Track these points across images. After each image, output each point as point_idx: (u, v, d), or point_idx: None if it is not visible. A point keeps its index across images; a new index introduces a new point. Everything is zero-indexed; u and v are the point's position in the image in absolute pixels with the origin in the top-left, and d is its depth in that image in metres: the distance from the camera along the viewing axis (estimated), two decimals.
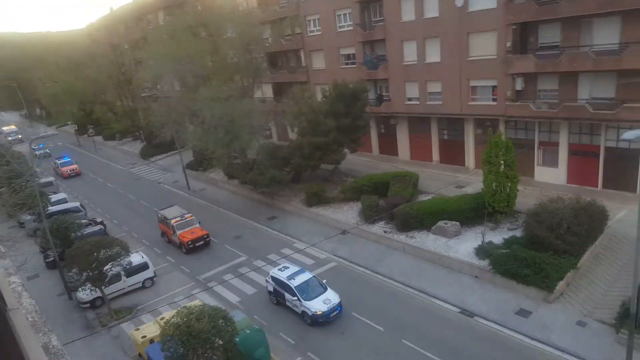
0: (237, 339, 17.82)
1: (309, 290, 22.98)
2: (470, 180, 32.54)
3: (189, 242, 31.29)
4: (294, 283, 23.18)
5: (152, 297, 26.82)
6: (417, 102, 37.17)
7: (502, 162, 25.76)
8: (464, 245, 25.79)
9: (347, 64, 42.16)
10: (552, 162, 30.58)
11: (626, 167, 26.76)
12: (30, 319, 3.17)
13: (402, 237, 28.11)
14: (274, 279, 24.19)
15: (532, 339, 19.37)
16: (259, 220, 35.63)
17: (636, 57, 24.82)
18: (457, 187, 32.51)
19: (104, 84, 66.63)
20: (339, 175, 38.23)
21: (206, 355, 15.96)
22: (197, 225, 32.49)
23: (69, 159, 57.42)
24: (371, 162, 41.33)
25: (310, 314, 22.18)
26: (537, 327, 19.85)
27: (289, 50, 47.84)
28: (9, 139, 77.99)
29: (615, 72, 26.47)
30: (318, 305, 22.29)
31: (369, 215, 30.33)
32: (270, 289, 24.51)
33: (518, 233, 25.01)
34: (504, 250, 23.47)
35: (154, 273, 28.36)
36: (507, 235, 25.28)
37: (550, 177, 30.62)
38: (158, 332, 19.58)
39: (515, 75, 30.65)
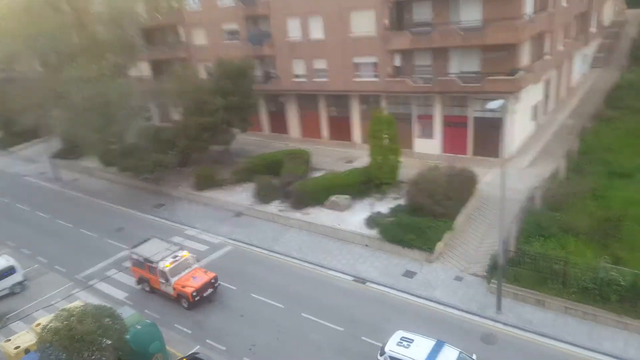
0: (128, 336, 17.41)
1: None
2: (358, 155, 34.40)
3: (194, 294, 22.42)
4: None
5: (23, 303, 24.83)
6: (305, 80, 37.92)
7: (385, 136, 27.64)
8: (355, 217, 27.45)
9: (230, 40, 41.34)
10: (429, 133, 33.51)
11: (491, 135, 30.32)
12: None
13: (297, 215, 29.00)
14: None
15: (418, 297, 21.49)
16: (144, 210, 34.13)
17: (496, 34, 27.95)
18: (346, 162, 34.22)
19: None
20: (230, 156, 37.85)
21: (94, 357, 15.39)
22: (196, 265, 24.02)
23: None
24: (262, 141, 41.53)
25: None
26: (422, 286, 22.07)
27: (167, 25, 45.41)
28: None
29: (480, 47, 29.55)
30: None
31: (264, 195, 30.66)
32: None
33: (402, 202, 27.22)
34: (390, 219, 25.49)
35: (24, 277, 26.16)
36: (393, 204, 27.44)
37: (428, 147, 33.55)
38: (34, 341, 18.39)
39: (394, 52, 32.70)
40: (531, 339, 18.34)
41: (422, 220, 24.34)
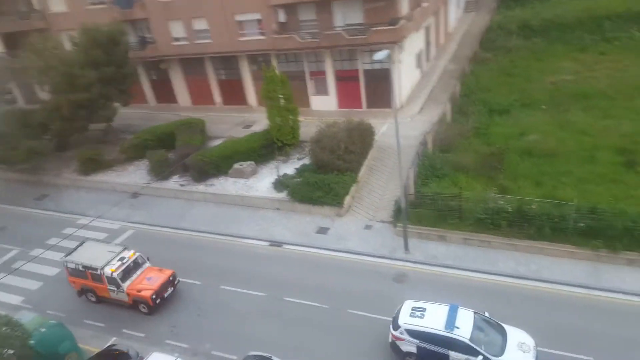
0: (33, 341, 16.64)
1: (489, 338, 15.36)
2: (255, 118, 33.81)
3: (154, 297, 20.00)
4: (462, 333, 15.19)
5: None
6: (186, 42, 35.75)
7: (280, 96, 27.37)
8: (262, 182, 27.33)
9: (94, 4, 37.31)
10: (323, 90, 33.84)
11: (381, 86, 31.47)
12: None
13: (200, 187, 28.10)
14: (413, 332, 15.66)
15: (333, 250, 22.33)
16: (25, 204, 30.87)
17: None
18: (245, 127, 33.46)
19: None
20: (115, 133, 35.16)
21: None
22: (148, 264, 21.47)
23: None
24: (149, 113, 38.90)
25: None
26: (335, 240, 22.94)
27: None
28: None
29: None
30: (519, 357, 14.92)
31: (160, 171, 29.13)
32: (409, 348, 15.91)
33: (307, 161, 27.59)
34: (297, 179, 25.79)
35: None
36: (298, 165, 27.68)
37: (324, 104, 33.96)
38: None
39: (277, 7, 31.94)
40: (438, 272, 20.16)
41: (328, 176, 24.94)
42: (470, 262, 20.19)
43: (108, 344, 18.70)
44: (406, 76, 32.95)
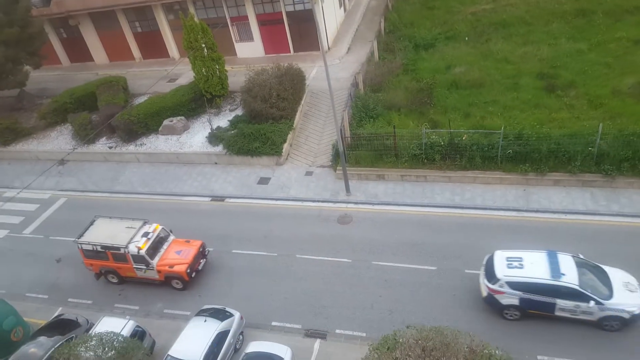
0: None
1: (594, 282, 13.67)
2: (180, 71, 30.04)
3: (189, 271, 17.04)
4: (570, 280, 13.39)
5: None
6: None
7: (203, 45, 24.21)
8: (196, 137, 24.64)
9: None
10: (248, 36, 30.46)
11: (307, 29, 28.74)
12: None
13: (131, 148, 25.02)
14: (515, 284, 13.72)
15: (277, 199, 20.80)
16: None
17: None
18: (169, 82, 29.65)
19: None
20: (30, 99, 30.33)
21: None
22: (173, 236, 18.22)
23: None
24: (65, 74, 33.72)
25: (628, 316, 13.22)
26: (278, 189, 21.30)
27: None
28: None
29: None
30: (629, 297, 13.31)
31: (85, 135, 25.61)
32: (511, 301, 13.98)
33: (240, 112, 25.05)
34: (232, 132, 23.41)
35: None
36: (231, 116, 25.06)
37: (250, 51, 30.69)
38: None
39: None
40: (380, 209, 19.24)
41: (263, 126, 22.75)
42: (409, 197, 19.35)
43: (55, 314, 17.11)
44: (330, 16, 30.19)
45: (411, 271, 16.39)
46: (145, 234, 17.37)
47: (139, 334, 15.07)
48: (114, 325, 15.04)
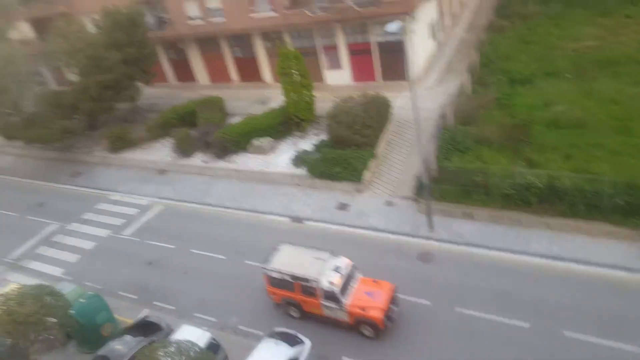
0: (73, 311, 15.35)
1: None
2: (272, 95, 29.71)
3: (386, 318, 14.11)
4: None
5: None
6: (201, 22, 31.23)
7: (295, 72, 23.40)
8: (281, 158, 23.69)
9: None
10: (337, 64, 29.18)
11: (396, 58, 26.94)
12: None
13: (222, 164, 24.66)
14: None
15: (354, 227, 19.04)
16: (61, 181, 27.96)
17: None
18: (262, 104, 29.32)
19: None
20: (141, 112, 31.44)
21: (41, 338, 13.18)
22: (360, 274, 15.45)
23: None
24: (171, 92, 34.80)
25: None
26: (356, 216, 19.54)
27: None
28: None
29: None
30: None
31: (184, 149, 25.89)
32: None
33: (324, 136, 23.72)
34: (315, 155, 22.16)
35: None
36: (316, 140, 23.82)
37: (338, 79, 29.37)
38: None
39: None
40: (465, 251, 16.66)
41: (346, 152, 21.16)
42: (499, 240, 16.56)
43: (141, 315, 16.85)
44: (420, 47, 28.05)
45: (499, 325, 13.71)
46: (337, 269, 14.75)
47: (213, 347, 14.23)
48: (192, 334, 14.40)
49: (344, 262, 14.92)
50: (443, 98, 24.69)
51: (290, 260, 15.36)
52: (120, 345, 14.94)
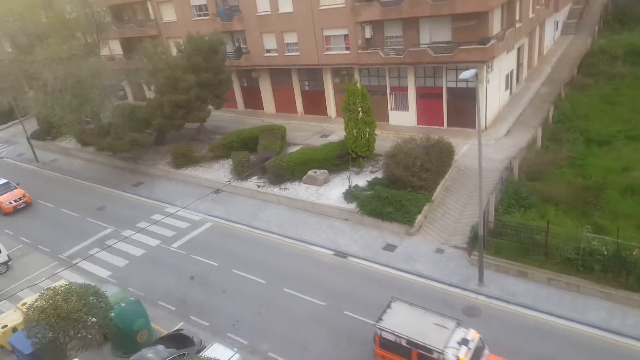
0: (113, 314, 16.32)
1: None
2: (333, 129, 31.56)
3: None
4: None
5: (8, 283, 22.54)
6: (276, 54, 34.38)
7: (359, 109, 24.91)
8: (334, 191, 24.85)
9: (199, 15, 37.15)
10: (403, 105, 30.71)
11: (466, 105, 27.81)
12: None
13: (275, 190, 26.27)
14: None
15: (400, 270, 19.38)
16: (124, 188, 30.98)
17: (465, 1, 25.03)
18: (322, 137, 31.25)
19: None
20: (206, 133, 34.50)
21: (79, 335, 14.26)
22: (487, 350, 14.09)
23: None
24: (237, 117, 38.05)
25: None
26: (403, 259, 19.91)
27: (135, 1, 40.80)
28: None
29: (450, 16, 26.59)
30: None
31: (241, 172, 27.85)
32: None
33: (380, 175, 24.73)
34: (368, 192, 23.04)
35: (8, 257, 23.89)
36: (370, 177, 24.86)
37: (403, 119, 30.80)
38: (21, 320, 17.44)
39: (364, 24, 29.50)
40: (515, 310, 16.42)
41: (401, 193, 21.91)
42: (553, 305, 16.22)
43: (176, 328, 17.92)
44: (493, 97, 28.80)
45: None
46: (464, 342, 13.48)
47: None
48: (222, 353, 15.14)
49: (472, 334, 13.78)
50: (511, 150, 24.94)
51: (407, 323, 14.28)
52: (152, 354, 15.68)
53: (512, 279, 17.66)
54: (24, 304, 18.11)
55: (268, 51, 34.74)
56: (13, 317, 18.46)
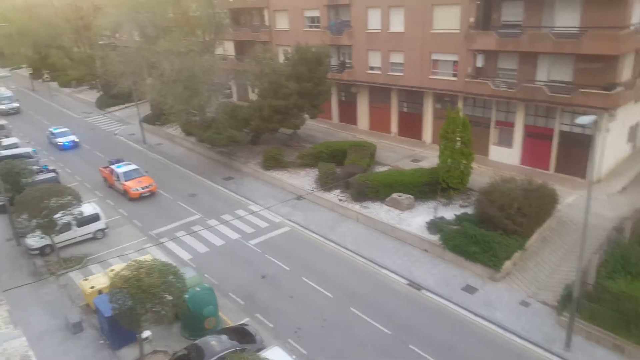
0: (187, 296, 16.87)
1: None
2: (426, 155, 31.10)
3: None
4: None
5: (102, 249, 24.85)
6: (379, 72, 34.88)
7: (458, 138, 24.31)
8: (416, 218, 24.47)
9: (310, 27, 39.01)
10: (507, 142, 29.40)
11: (578, 152, 25.90)
12: None
13: (356, 207, 26.48)
14: None
15: (476, 315, 18.50)
16: (215, 180, 33.13)
17: (594, 42, 23.46)
18: (413, 161, 30.98)
19: (61, 28, 59.81)
20: (298, 140, 35.88)
21: (155, 309, 15.03)
22: None
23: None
24: (330, 129, 39.05)
25: None
26: (482, 304, 18.97)
27: (253, 7, 43.88)
28: (2, 107, 54.19)
29: (574, 55, 25.10)
30: None
31: (325, 183, 28.53)
32: None
33: (469, 210, 23.88)
34: (454, 227, 22.30)
35: (106, 225, 26.30)
36: (459, 211, 24.10)
37: (504, 157, 29.50)
38: (107, 284, 18.51)
39: (477, 52, 28.88)
40: None
41: (491, 233, 20.92)
42: None
43: (241, 322, 18.64)
44: (612, 148, 26.44)
45: None
46: None
47: None
48: (281, 358, 15.42)
49: None
50: (624, 209, 22.74)
51: None
52: (216, 342, 16.54)
53: (605, 352, 16.06)
54: (112, 270, 19.48)
55: (371, 68, 35.37)
56: (101, 280, 20.13)
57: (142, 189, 30.42)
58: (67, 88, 63.70)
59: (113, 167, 31.67)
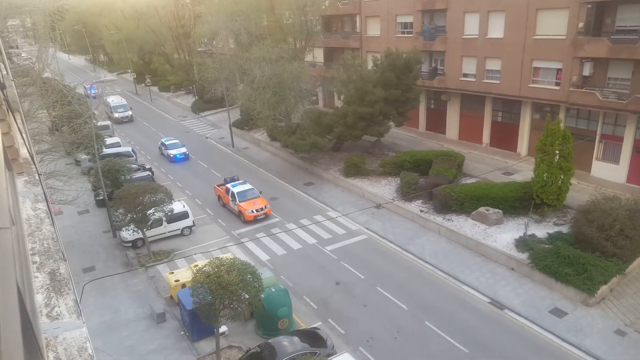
0: (262, 296, 17.83)
1: None
2: (520, 168, 30.30)
3: None
4: None
5: (188, 245, 27.26)
6: (473, 79, 34.68)
7: (557, 152, 23.60)
8: (504, 235, 24.11)
9: (402, 32, 39.85)
10: (613, 157, 27.75)
11: None
12: (45, 245, 3.17)
13: (438, 219, 26.67)
14: None
15: (564, 340, 17.95)
16: (296, 185, 35.09)
17: None
18: (504, 174, 30.37)
19: (164, 36, 67.07)
20: (381, 148, 36.75)
21: (232, 306, 16.15)
22: None
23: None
24: (416, 138, 39.43)
25: None
26: (572, 330, 18.36)
27: (345, 14, 45.81)
28: (117, 115, 57.18)
29: None
30: None
31: (407, 192, 28.96)
32: None
33: (565, 229, 23.06)
34: (546, 246, 21.72)
35: (193, 222, 28.73)
36: (553, 230, 23.37)
37: (609, 173, 27.86)
38: (190, 278, 19.91)
39: (584, 60, 27.70)
40: None
41: (587, 255, 20.12)
42: None
43: (313, 325, 19.61)
44: None
45: None
46: None
47: None
48: None
49: None
50: None
51: None
52: (287, 342, 17.50)
53: None
54: (196, 265, 20.94)
55: (465, 75, 35.29)
56: (185, 274, 21.64)
57: (257, 211, 29.42)
58: (166, 92, 71.00)
59: (229, 185, 31.38)
